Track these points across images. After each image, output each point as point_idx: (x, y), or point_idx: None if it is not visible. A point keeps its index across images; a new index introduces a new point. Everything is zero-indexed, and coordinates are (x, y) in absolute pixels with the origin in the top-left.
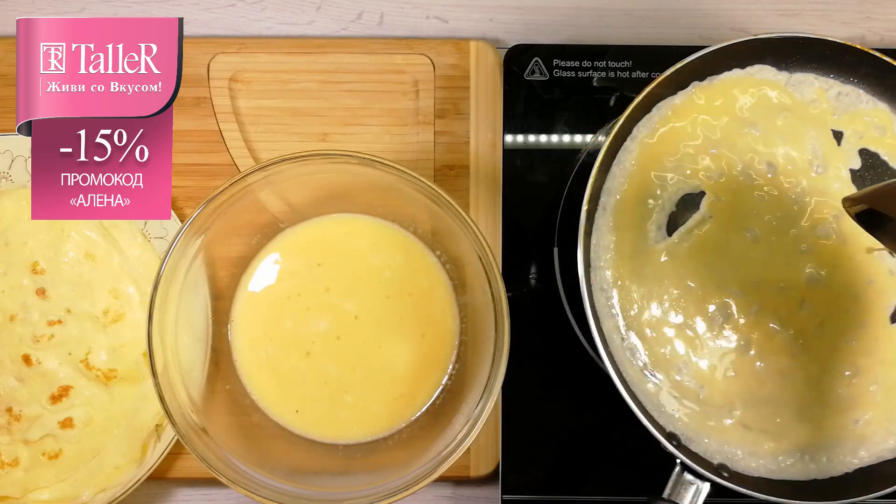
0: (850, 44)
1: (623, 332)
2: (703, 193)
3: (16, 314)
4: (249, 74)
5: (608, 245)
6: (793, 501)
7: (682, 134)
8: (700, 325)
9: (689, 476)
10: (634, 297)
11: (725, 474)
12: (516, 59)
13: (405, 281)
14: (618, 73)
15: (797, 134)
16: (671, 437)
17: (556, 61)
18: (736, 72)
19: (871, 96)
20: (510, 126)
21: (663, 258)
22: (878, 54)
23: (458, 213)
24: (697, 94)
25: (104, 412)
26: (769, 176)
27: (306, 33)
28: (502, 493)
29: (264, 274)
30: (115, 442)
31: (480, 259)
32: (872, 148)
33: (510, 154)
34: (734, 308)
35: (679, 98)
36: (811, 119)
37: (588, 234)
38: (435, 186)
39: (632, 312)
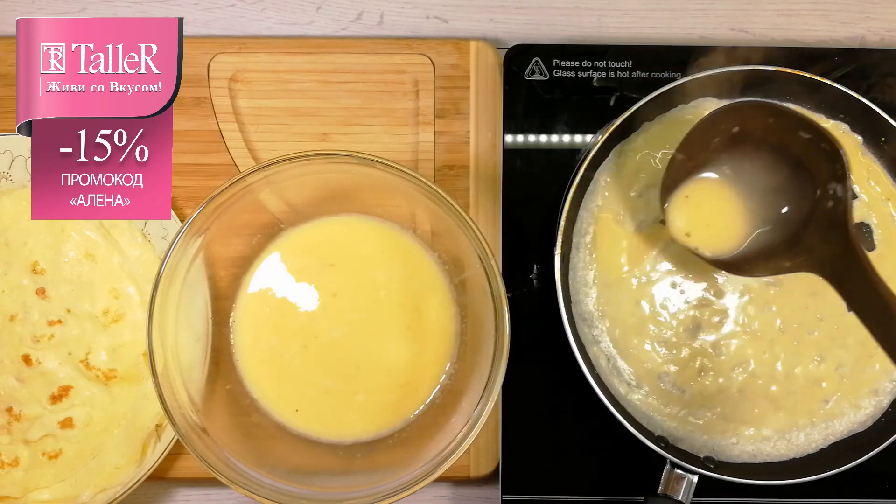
0: (775, 68)
1: (608, 355)
2: (664, 221)
3: (16, 314)
4: (249, 74)
5: (586, 279)
6: (770, 482)
7: (639, 170)
8: (676, 337)
9: (679, 472)
10: (615, 323)
11: (711, 465)
12: (516, 59)
13: (405, 281)
14: (618, 73)
15: None
16: (660, 439)
17: (556, 61)
18: (681, 107)
19: (807, 110)
20: (510, 126)
21: (635, 285)
22: (803, 74)
23: (458, 213)
24: (649, 132)
25: (104, 412)
26: None
27: (306, 33)
28: (502, 493)
29: (265, 274)
30: (115, 442)
31: (480, 259)
32: None
33: (510, 154)
34: (702, 318)
35: (632, 139)
36: None
37: (565, 274)
38: (435, 186)
39: (615, 334)
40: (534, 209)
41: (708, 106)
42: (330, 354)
